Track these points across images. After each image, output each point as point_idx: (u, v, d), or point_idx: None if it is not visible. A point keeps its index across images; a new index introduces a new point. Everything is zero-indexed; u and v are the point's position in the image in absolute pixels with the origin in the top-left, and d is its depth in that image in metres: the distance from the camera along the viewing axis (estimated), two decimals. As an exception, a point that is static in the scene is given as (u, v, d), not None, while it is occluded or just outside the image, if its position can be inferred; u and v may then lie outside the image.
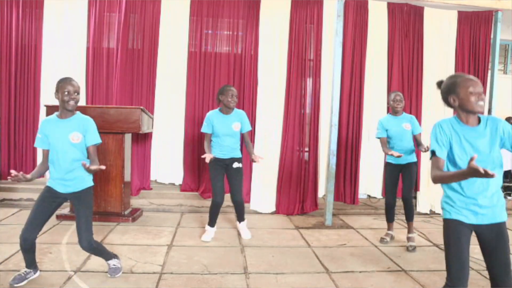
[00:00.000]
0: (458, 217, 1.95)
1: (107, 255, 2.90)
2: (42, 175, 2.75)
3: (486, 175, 1.61)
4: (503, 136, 1.92)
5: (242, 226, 4.08)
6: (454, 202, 1.96)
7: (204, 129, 3.82)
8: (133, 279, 2.89)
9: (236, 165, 3.83)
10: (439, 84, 2.09)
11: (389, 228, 4.08)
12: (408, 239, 3.84)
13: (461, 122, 1.97)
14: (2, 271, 2.90)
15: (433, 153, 1.97)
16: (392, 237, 4.07)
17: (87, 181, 2.73)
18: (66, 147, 2.62)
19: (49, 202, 2.68)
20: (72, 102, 2.60)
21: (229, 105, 3.73)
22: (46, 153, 2.70)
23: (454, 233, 1.94)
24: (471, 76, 1.97)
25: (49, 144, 2.66)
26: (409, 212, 3.91)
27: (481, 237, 1.95)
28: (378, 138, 3.96)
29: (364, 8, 5.28)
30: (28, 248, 2.67)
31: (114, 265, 2.90)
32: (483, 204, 1.91)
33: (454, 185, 1.94)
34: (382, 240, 4.02)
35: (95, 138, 2.72)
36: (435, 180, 1.93)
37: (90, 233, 2.70)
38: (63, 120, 2.66)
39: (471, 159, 1.65)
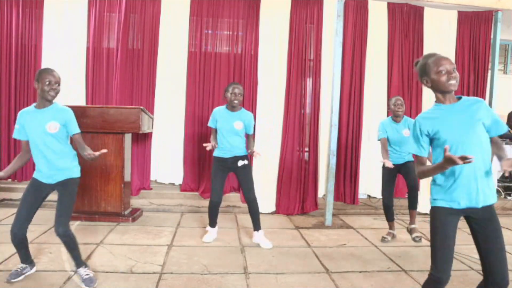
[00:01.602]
0: (449, 204, 1.92)
1: (78, 258, 2.78)
2: (19, 168, 2.74)
3: (464, 160, 1.65)
4: (481, 117, 1.88)
5: (260, 235, 3.78)
6: (447, 188, 1.92)
7: (210, 123, 3.79)
8: (133, 279, 2.89)
9: (241, 163, 3.70)
10: (416, 64, 2.07)
11: (391, 227, 4.09)
12: (412, 230, 3.86)
13: (439, 104, 1.97)
14: (2, 271, 2.90)
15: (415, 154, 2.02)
16: (393, 236, 4.08)
17: (74, 172, 2.74)
18: (44, 138, 2.60)
19: (36, 194, 2.68)
20: (52, 93, 2.59)
21: (231, 103, 3.66)
22: (25, 144, 2.70)
23: (442, 221, 1.93)
24: (441, 55, 1.96)
25: (27, 135, 2.65)
26: (414, 200, 3.95)
27: (474, 221, 1.93)
28: (379, 139, 3.98)
29: (364, 8, 5.28)
30: (19, 243, 2.68)
31: (87, 274, 2.74)
32: (479, 187, 1.88)
33: (448, 172, 1.90)
34: (383, 239, 4.03)
35: (76, 128, 2.72)
36: (420, 175, 1.99)
37: (67, 219, 2.68)
38: (40, 110, 2.63)
39: (445, 150, 1.69)
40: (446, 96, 1.95)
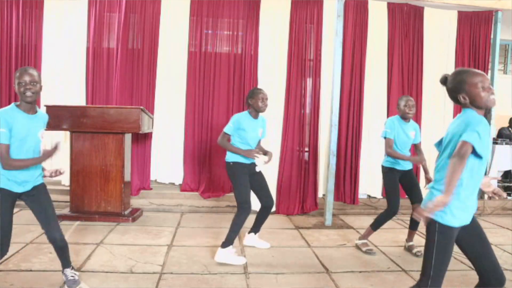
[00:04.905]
0: (457, 223, 1.97)
1: (68, 259, 2.70)
2: None
3: None
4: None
5: (258, 237, 3.75)
6: (457, 208, 1.95)
7: (229, 129, 3.41)
8: (133, 279, 2.89)
9: (258, 168, 3.58)
10: (443, 80, 1.97)
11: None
12: (411, 247, 3.72)
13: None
14: (2, 271, 2.90)
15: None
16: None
17: (42, 177, 2.60)
18: (35, 145, 2.47)
19: (12, 210, 2.43)
20: (29, 93, 2.33)
21: (260, 109, 3.43)
22: (7, 149, 2.32)
23: (451, 240, 1.98)
24: (477, 70, 1.90)
25: (11, 139, 2.34)
26: (417, 222, 3.66)
27: (465, 234, 2.01)
28: (385, 137, 3.55)
29: (364, 8, 5.28)
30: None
31: (72, 276, 2.67)
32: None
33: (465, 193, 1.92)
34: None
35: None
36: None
37: (58, 223, 2.58)
38: (32, 116, 2.44)
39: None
40: (481, 112, 1.89)
